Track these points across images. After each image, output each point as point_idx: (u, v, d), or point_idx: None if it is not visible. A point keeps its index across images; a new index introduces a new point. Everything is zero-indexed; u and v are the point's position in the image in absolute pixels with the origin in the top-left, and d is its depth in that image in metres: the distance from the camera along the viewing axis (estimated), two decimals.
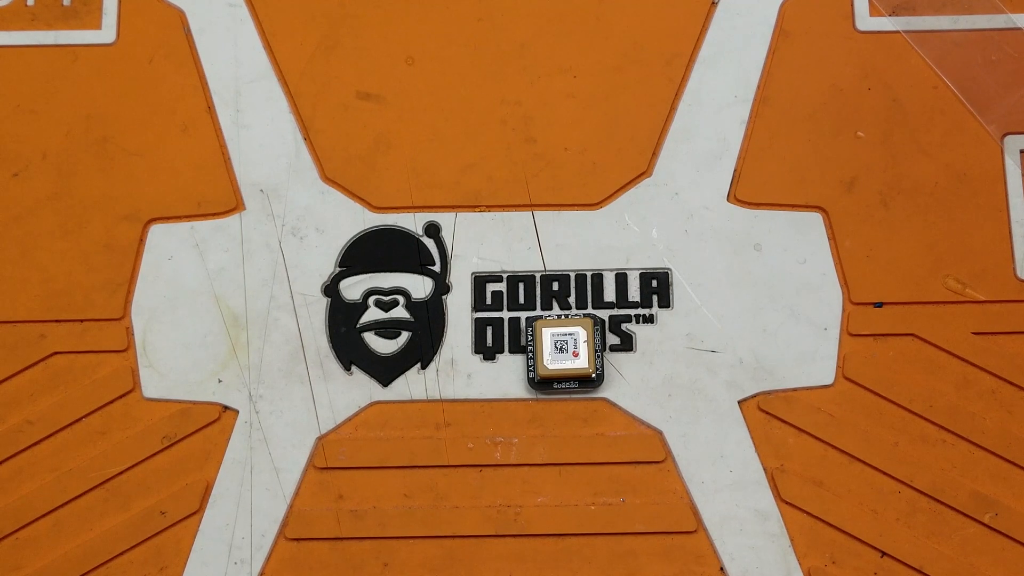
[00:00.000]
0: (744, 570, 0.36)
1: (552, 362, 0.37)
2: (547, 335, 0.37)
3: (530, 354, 0.37)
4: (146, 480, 0.37)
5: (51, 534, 0.36)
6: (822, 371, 0.38)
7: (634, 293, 0.38)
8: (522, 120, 0.40)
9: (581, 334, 0.37)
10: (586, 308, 0.38)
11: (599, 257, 0.39)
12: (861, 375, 0.37)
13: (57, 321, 0.38)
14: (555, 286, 0.38)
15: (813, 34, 0.41)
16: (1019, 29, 0.40)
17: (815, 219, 0.39)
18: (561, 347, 0.37)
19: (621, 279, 0.39)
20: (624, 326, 0.38)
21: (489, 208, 0.39)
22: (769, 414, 0.37)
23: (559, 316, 0.38)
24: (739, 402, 0.37)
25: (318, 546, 0.36)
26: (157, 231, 0.39)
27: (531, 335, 0.37)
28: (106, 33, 0.41)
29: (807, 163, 0.40)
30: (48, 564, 0.36)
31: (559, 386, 0.37)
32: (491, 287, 0.38)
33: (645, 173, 0.40)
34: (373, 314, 0.38)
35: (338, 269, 0.39)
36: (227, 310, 0.38)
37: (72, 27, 0.41)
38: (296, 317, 0.38)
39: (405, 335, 0.38)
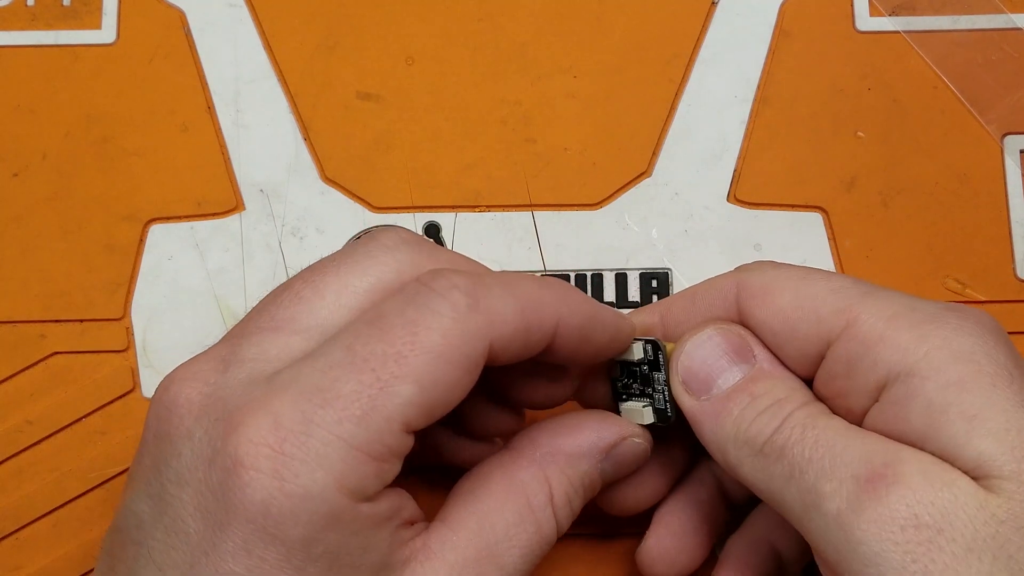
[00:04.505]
0: None
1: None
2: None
3: (659, 384, 0.32)
4: None
5: (51, 534, 0.36)
6: None
7: (634, 293, 0.38)
8: (522, 120, 0.40)
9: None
10: None
11: (599, 257, 0.39)
12: None
13: (57, 321, 0.38)
14: None
15: (813, 34, 0.41)
16: (1019, 29, 0.41)
17: (815, 219, 0.39)
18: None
19: (621, 279, 0.39)
20: None
21: (489, 208, 0.39)
22: None
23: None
24: None
25: None
26: (157, 231, 0.39)
27: (652, 357, 0.31)
28: (106, 33, 0.41)
29: (807, 163, 0.40)
30: (48, 564, 0.36)
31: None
32: None
33: (645, 173, 0.40)
34: None
35: None
36: (227, 310, 0.38)
37: (72, 27, 0.41)
38: None
39: None
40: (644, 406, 0.32)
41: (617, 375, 0.33)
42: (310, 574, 0.26)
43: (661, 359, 0.31)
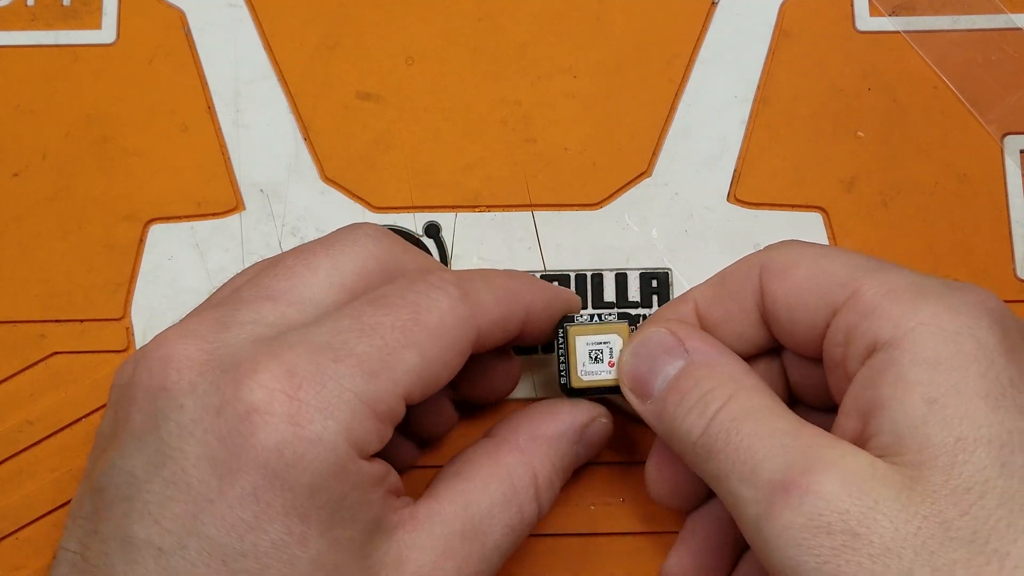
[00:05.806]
0: None
1: (586, 374, 0.33)
2: (581, 343, 0.33)
3: (561, 360, 0.34)
4: None
5: (51, 534, 0.36)
6: None
7: (634, 293, 0.38)
8: (522, 120, 0.40)
9: (617, 342, 0.33)
10: (586, 308, 0.38)
11: (599, 257, 0.39)
12: None
13: (57, 321, 0.38)
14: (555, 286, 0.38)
15: (813, 34, 0.41)
16: (1019, 29, 0.41)
17: (815, 219, 0.39)
18: (596, 356, 0.33)
19: (621, 279, 0.39)
20: None
21: (489, 208, 0.39)
22: None
23: (593, 320, 0.34)
24: None
25: None
26: (157, 231, 0.39)
27: (562, 339, 0.34)
28: (106, 33, 0.41)
29: (807, 163, 0.40)
30: (48, 564, 0.36)
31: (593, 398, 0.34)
32: None
33: (645, 173, 0.40)
34: None
35: None
36: None
37: (72, 27, 0.41)
38: None
39: None
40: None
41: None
42: (312, 523, 0.27)
43: (559, 335, 0.34)
